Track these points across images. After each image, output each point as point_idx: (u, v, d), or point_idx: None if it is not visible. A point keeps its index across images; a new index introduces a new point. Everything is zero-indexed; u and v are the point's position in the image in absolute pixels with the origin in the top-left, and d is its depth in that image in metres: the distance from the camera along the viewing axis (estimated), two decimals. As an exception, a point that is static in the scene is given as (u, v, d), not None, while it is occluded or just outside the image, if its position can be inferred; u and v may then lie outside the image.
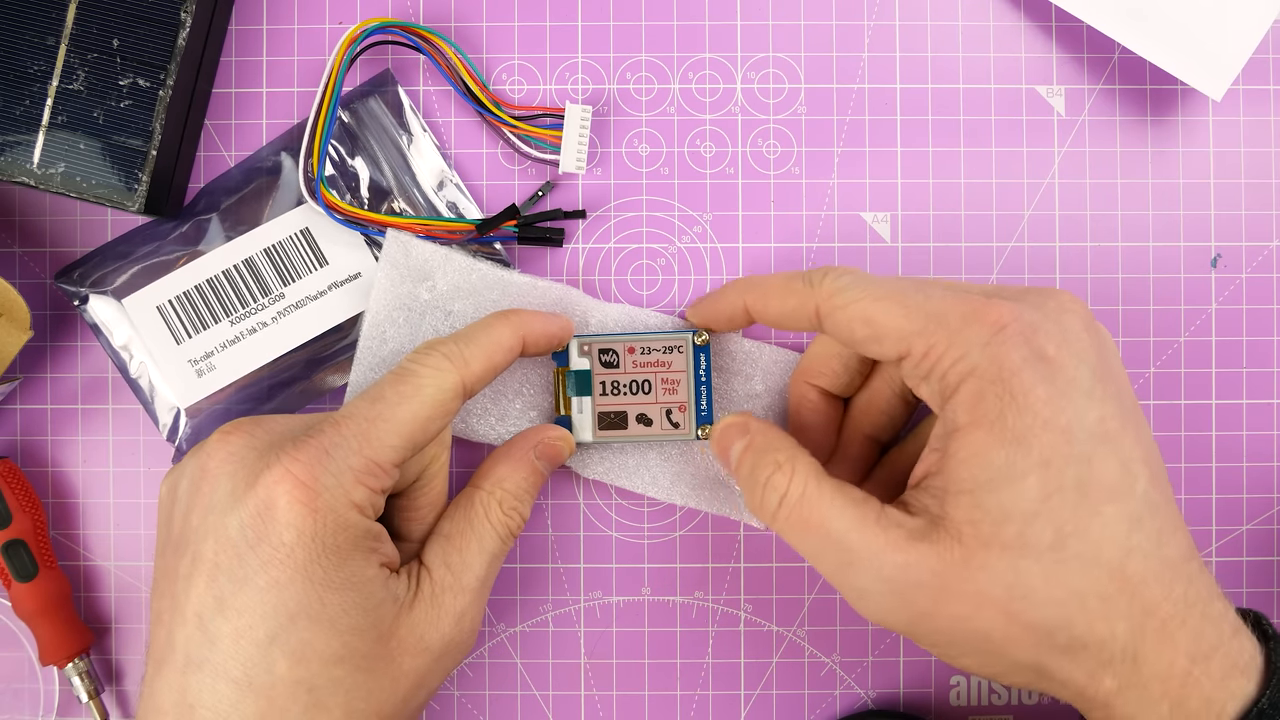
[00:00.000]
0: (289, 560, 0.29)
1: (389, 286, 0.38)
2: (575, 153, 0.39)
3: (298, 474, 0.30)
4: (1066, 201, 0.40)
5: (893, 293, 0.31)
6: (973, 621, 0.29)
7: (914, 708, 0.40)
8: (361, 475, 0.31)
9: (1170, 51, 0.38)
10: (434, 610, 0.32)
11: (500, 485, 0.35)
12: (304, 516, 0.30)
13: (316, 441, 0.31)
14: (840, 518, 0.31)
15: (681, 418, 0.37)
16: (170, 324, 0.39)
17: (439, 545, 0.34)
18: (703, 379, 0.37)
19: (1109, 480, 0.29)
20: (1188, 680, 0.29)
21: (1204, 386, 0.40)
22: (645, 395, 0.37)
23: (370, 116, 0.39)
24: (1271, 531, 0.40)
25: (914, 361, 0.31)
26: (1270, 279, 0.40)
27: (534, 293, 0.38)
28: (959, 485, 0.30)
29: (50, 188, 0.37)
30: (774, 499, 0.32)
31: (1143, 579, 0.29)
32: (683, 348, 0.37)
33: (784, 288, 0.33)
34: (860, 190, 0.40)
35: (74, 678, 0.39)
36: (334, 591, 0.30)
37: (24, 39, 0.37)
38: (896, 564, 0.30)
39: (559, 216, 0.39)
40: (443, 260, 0.38)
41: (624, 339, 0.37)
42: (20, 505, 0.39)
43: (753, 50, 0.40)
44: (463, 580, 0.33)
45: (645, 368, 0.37)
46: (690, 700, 0.40)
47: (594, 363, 0.37)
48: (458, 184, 0.39)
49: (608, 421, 0.37)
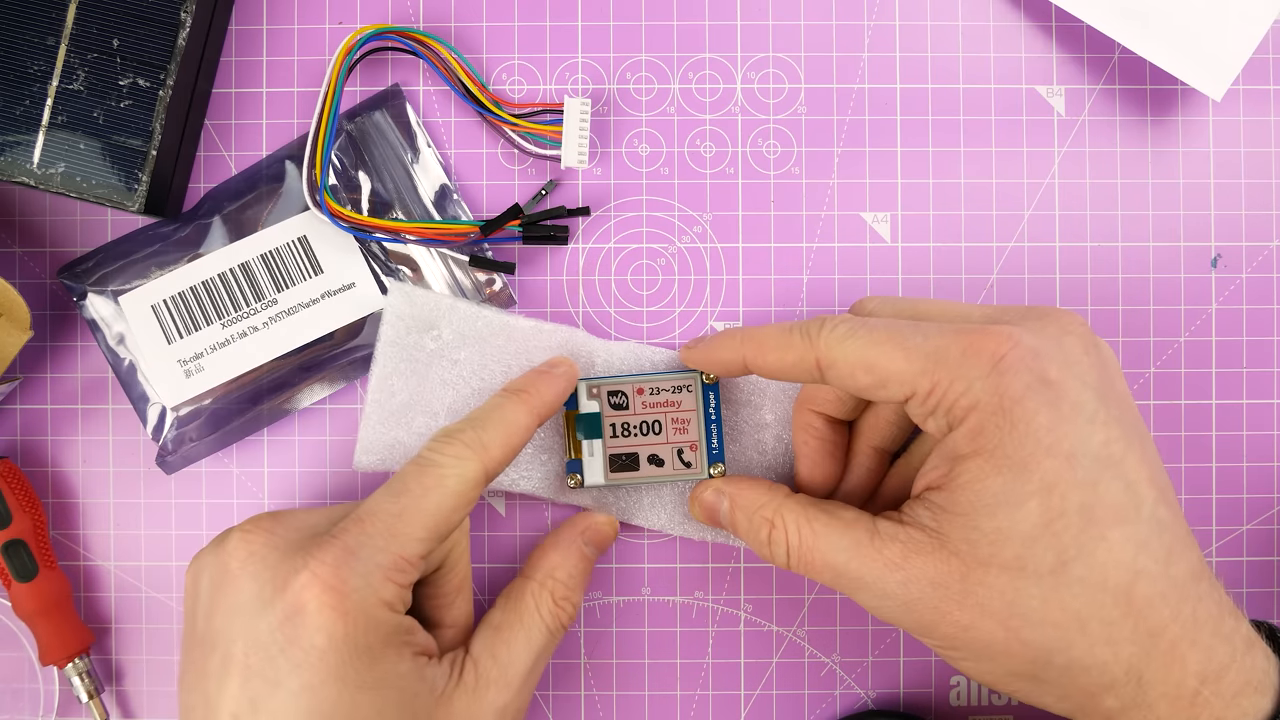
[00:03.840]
0: (321, 664, 0.29)
1: (394, 339, 0.38)
2: (576, 147, 0.39)
3: (325, 578, 0.30)
4: (1066, 201, 0.40)
5: (891, 336, 0.31)
6: (973, 631, 0.30)
7: (914, 708, 0.40)
8: (390, 573, 0.31)
9: (1170, 51, 0.38)
10: (475, 703, 0.32)
11: (552, 576, 0.36)
12: (334, 620, 0.29)
13: (342, 542, 0.30)
14: (837, 551, 0.32)
15: (693, 457, 0.37)
16: (163, 323, 0.39)
17: (487, 636, 0.34)
18: (713, 417, 0.37)
19: (1115, 504, 0.29)
20: (1196, 700, 0.29)
21: (1204, 386, 0.40)
22: (656, 436, 0.37)
23: (376, 130, 0.39)
24: (1271, 531, 0.40)
25: (919, 401, 0.31)
26: (1270, 279, 0.40)
27: (539, 337, 0.38)
28: (955, 508, 0.30)
29: (50, 188, 0.37)
30: (781, 553, 0.33)
31: (1149, 601, 0.29)
32: (691, 387, 0.37)
33: (782, 342, 0.33)
34: (860, 190, 0.40)
35: (74, 678, 0.39)
36: (367, 691, 0.30)
37: (24, 39, 0.37)
38: (897, 581, 0.30)
39: (562, 214, 0.39)
40: (447, 309, 0.38)
41: (632, 380, 0.37)
42: (20, 505, 0.39)
43: (753, 50, 0.40)
44: (508, 674, 0.33)
45: (655, 408, 0.37)
46: (690, 700, 0.40)
47: (603, 405, 0.37)
48: (459, 201, 0.39)
49: (619, 464, 0.37)
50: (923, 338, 0.31)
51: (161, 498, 0.40)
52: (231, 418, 0.39)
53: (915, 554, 0.30)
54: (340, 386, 0.40)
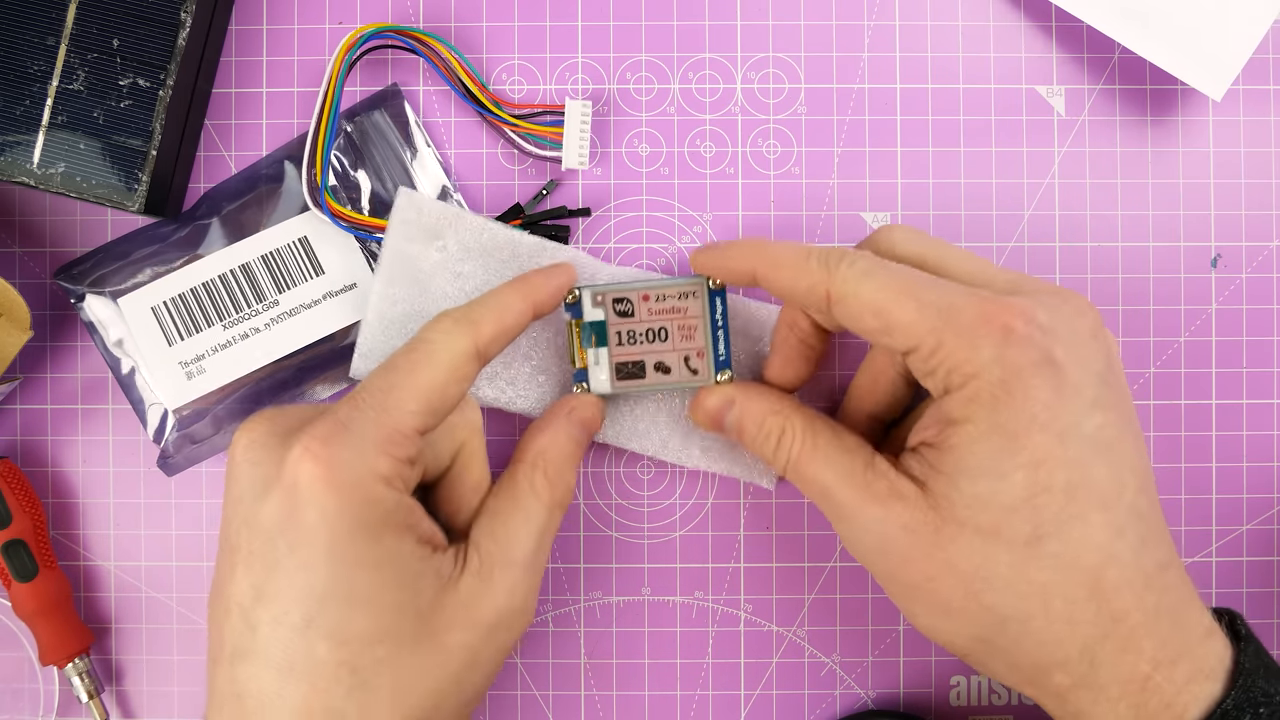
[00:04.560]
0: (315, 541, 0.29)
1: (399, 245, 0.37)
2: (577, 148, 0.39)
3: (316, 451, 0.29)
4: (1066, 201, 0.40)
5: (907, 286, 0.31)
6: (935, 584, 0.30)
7: (914, 708, 0.40)
8: (383, 445, 0.30)
9: (1170, 51, 0.38)
10: (483, 584, 0.32)
11: (543, 456, 0.35)
12: (326, 494, 0.29)
13: (333, 418, 0.30)
14: (829, 470, 0.32)
15: (700, 364, 0.36)
16: (164, 325, 0.39)
17: (485, 521, 0.34)
18: (719, 324, 0.36)
19: (1099, 487, 0.30)
20: (1148, 685, 0.30)
21: (1204, 386, 0.40)
22: (662, 343, 0.37)
23: (375, 130, 0.39)
24: (1271, 531, 0.40)
25: (922, 356, 0.31)
26: (1270, 279, 0.40)
27: (544, 254, 0.38)
28: (942, 466, 0.31)
29: (50, 188, 0.37)
30: (784, 457, 0.34)
31: (1116, 587, 0.30)
32: (698, 293, 0.36)
33: (797, 264, 0.33)
34: (860, 190, 0.40)
35: (74, 678, 0.39)
36: (365, 570, 0.29)
37: (24, 39, 0.37)
38: (874, 517, 0.31)
39: (563, 214, 0.39)
40: (454, 219, 0.38)
41: (638, 287, 0.36)
42: (20, 505, 0.39)
43: (753, 50, 0.40)
44: (511, 553, 0.33)
45: (661, 315, 0.36)
46: (690, 700, 0.40)
47: (608, 313, 0.36)
48: (460, 201, 0.39)
49: (625, 371, 0.37)
50: (938, 294, 0.31)
51: (162, 498, 0.40)
52: (234, 419, 0.39)
53: (898, 497, 0.31)
54: (343, 387, 0.39)
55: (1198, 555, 0.40)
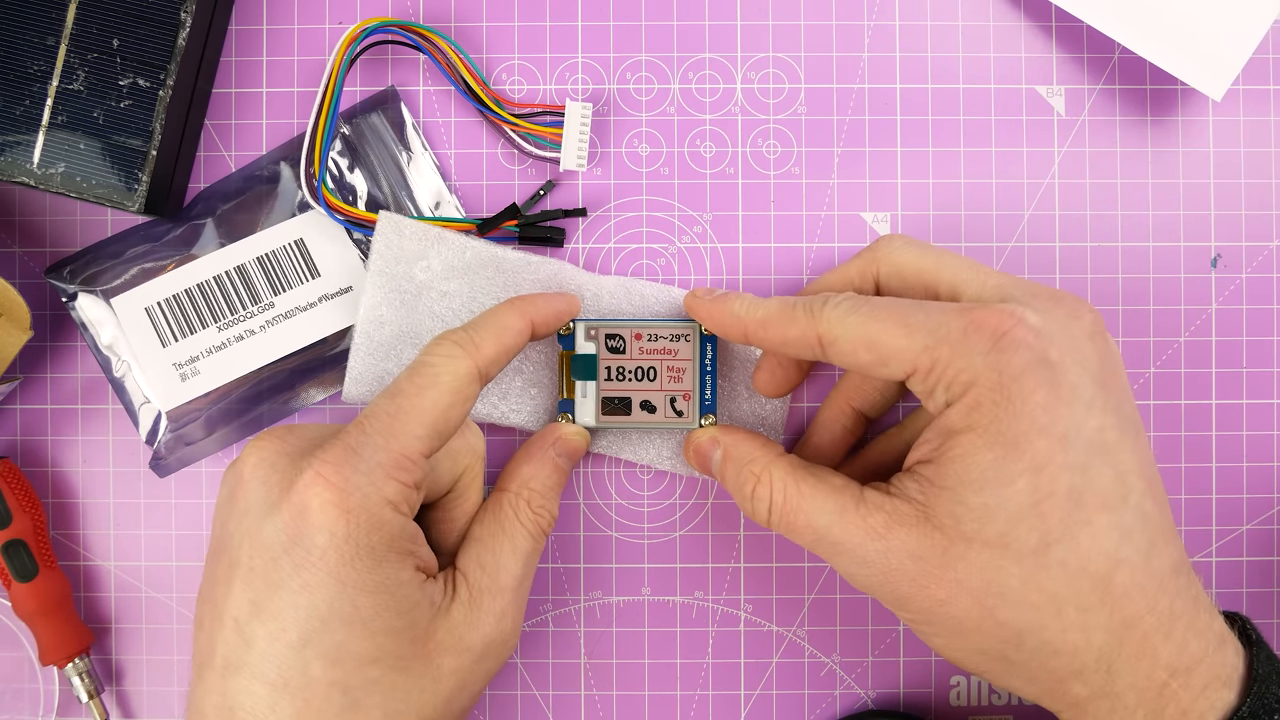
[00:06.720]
0: (321, 563, 0.29)
1: (383, 268, 0.38)
2: (576, 150, 0.39)
3: (328, 476, 0.30)
4: (1066, 201, 0.40)
5: (893, 313, 0.31)
6: (948, 607, 0.30)
7: (914, 708, 0.40)
8: (391, 470, 0.31)
9: (1170, 51, 0.38)
10: (473, 611, 0.33)
11: (527, 485, 0.36)
12: (336, 519, 0.30)
13: (343, 442, 0.31)
14: (821, 513, 0.32)
15: (685, 406, 0.37)
16: (157, 326, 0.39)
17: (472, 549, 0.34)
18: (708, 368, 0.37)
19: (1103, 490, 0.30)
20: (1164, 692, 0.29)
21: (1204, 386, 0.40)
22: (650, 382, 0.37)
23: (371, 131, 0.39)
24: (1271, 531, 0.40)
25: (920, 377, 0.31)
26: (1270, 279, 0.40)
27: (527, 269, 0.38)
28: (944, 481, 0.30)
29: (50, 188, 0.37)
30: (763, 509, 0.34)
31: (1127, 592, 0.29)
32: (690, 336, 0.37)
33: (784, 318, 0.33)
34: (860, 190, 0.40)
35: (74, 678, 0.39)
36: (367, 594, 0.30)
37: (24, 39, 0.37)
38: (877, 550, 0.31)
39: (559, 215, 0.39)
40: (435, 239, 0.38)
41: (631, 325, 0.37)
42: (20, 505, 0.39)
43: (753, 50, 0.40)
44: (499, 580, 0.34)
45: (651, 354, 0.37)
46: (690, 700, 0.40)
47: (600, 347, 0.37)
48: (455, 204, 0.39)
49: (611, 407, 0.37)
50: (924, 315, 0.31)
51: (161, 498, 0.40)
52: (228, 420, 0.39)
53: (898, 525, 0.31)
54: (338, 390, 0.39)
55: (1198, 555, 0.40)
